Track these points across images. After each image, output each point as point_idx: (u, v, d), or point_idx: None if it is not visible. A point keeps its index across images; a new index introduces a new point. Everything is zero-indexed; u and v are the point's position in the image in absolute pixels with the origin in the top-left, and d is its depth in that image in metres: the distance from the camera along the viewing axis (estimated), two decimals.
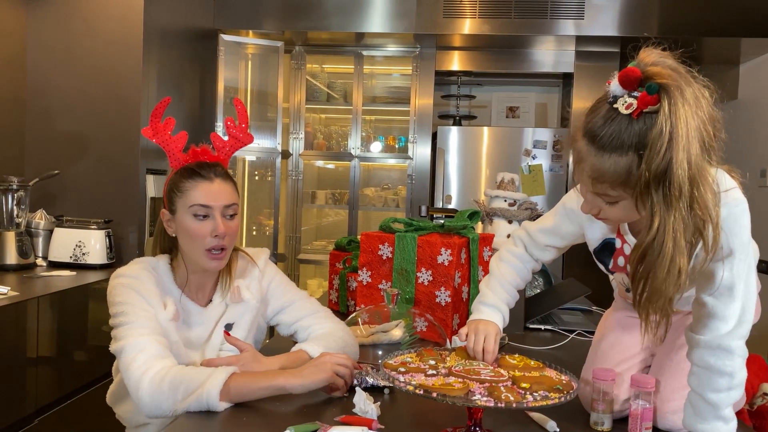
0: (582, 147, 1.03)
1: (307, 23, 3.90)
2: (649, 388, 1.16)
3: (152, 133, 1.44)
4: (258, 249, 1.59)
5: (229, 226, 1.39)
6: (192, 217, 1.37)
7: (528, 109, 4.73)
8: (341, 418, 1.17)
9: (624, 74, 0.99)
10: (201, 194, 1.37)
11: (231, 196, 1.40)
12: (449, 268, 1.80)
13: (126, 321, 1.31)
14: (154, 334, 1.30)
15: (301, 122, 4.22)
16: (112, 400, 1.48)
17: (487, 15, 3.80)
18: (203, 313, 1.45)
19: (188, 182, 1.38)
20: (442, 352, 1.22)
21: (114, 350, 1.32)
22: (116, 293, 1.35)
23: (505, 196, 2.32)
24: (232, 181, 1.43)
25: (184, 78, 3.55)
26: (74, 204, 3.00)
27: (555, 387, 1.05)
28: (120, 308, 1.33)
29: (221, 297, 1.47)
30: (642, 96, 0.97)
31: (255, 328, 1.52)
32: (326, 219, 5.04)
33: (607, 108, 1.01)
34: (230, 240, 1.40)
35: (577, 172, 1.06)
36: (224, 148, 1.47)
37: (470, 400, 1.00)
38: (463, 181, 4.19)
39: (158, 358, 1.25)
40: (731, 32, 3.73)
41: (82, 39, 3.03)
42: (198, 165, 1.40)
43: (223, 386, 1.20)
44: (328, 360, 1.28)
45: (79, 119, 3.03)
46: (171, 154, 1.44)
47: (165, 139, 1.43)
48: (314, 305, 1.57)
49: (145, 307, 1.33)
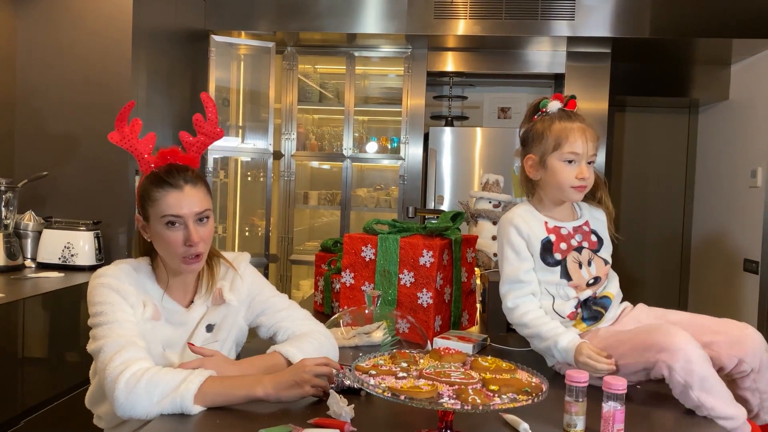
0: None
1: (298, 24, 3.90)
2: (621, 390, 1.17)
3: (119, 138, 1.40)
4: (239, 253, 1.59)
5: (202, 232, 1.39)
6: (164, 226, 1.36)
7: (520, 109, 4.73)
8: (314, 421, 1.17)
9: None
10: (171, 204, 1.35)
11: (202, 202, 1.39)
12: (431, 270, 1.80)
13: (104, 321, 1.31)
14: (133, 336, 1.30)
15: (293, 123, 4.22)
16: (91, 402, 1.48)
17: (478, 16, 3.81)
18: (185, 314, 1.45)
19: (158, 191, 1.36)
20: (416, 354, 1.23)
21: (91, 350, 1.32)
22: (96, 293, 1.36)
23: (489, 197, 2.32)
24: (203, 185, 1.42)
25: (174, 79, 3.55)
26: (63, 205, 3.01)
27: (524, 389, 1.05)
28: (99, 308, 1.34)
29: (203, 298, 1.48)
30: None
31: (236, 330, 1.53)
32: (319, 220, 5.04)
33: None
34: (205, 245, 1.40)
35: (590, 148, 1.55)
36: (193, 146, 1.45)
37: (437, 402, 1.01)
38: (456, 182, 4.19)
39: (135, 359, 1.25)
40: (722, 33, 3.74)
41: (72, 40, 3.04)
42: (167, 172, 1.38)
43: (199, 390, 1.20)
44: (308, 372, 1.27)
45: (69, 120, 3.03)
46: (139, 158, 1.41)
47: (132, 143, 1.41)
48: (293, 307, 1.57)
49: (125, 308, 1.34)
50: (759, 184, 3.85)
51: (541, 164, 1.58)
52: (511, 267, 1.59)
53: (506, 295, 1.60)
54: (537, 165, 1.59)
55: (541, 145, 1.57)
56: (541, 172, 1.59)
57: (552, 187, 1.58)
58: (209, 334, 1.47)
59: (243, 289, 1.53)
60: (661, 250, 4.91)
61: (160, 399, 1.20)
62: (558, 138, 1.54)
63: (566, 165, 1.55)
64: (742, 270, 4.07)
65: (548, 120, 1.58)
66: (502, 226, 1.63)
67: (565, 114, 1.59)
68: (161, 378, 1.22)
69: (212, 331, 1.48)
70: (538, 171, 1.59)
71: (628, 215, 4.97)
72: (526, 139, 1.63)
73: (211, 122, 1.46)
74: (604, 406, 1.18)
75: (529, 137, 1.61)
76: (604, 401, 1.18)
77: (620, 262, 5.33)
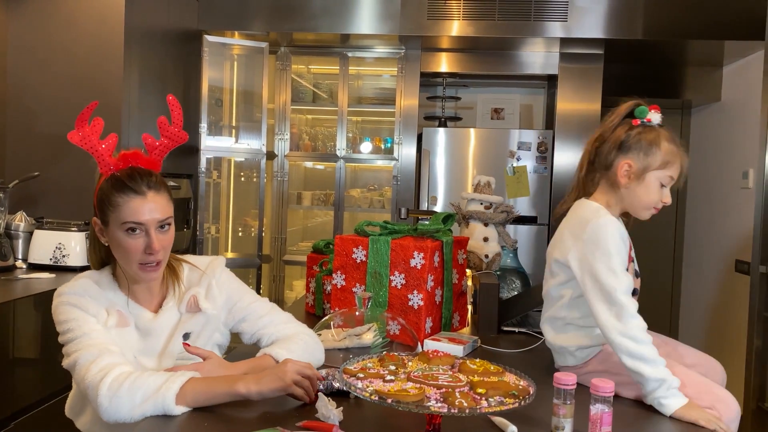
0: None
1: (292, 24, 3.90)
2: (608, 393, 1.17)
3: (79, 138, 1.36)
4: (213, 258, 1.55)
5: (162, 239, 1.35)
6: (124, 232, 1.33)
7: (513, 110, 4.74)
8: (303, 424, 1.17)
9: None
10: (134, 211, 1.31)
11: (164, 209, 1.35)
12: (422, 272, 1.81)
13: (74, 336, 1.30)
14: (105, 344, 1.29)
15: (287, 123, 4.22)
16: (72, 413, 1.47)
17: (471, 17, 3.81)
18: (155, 320, 1.41)
19: (120, 197, 1.32)
20: (405, 357, 1.23)
21: (67, 365, 1.31)
22: (59, 312, 1.34)
23: (481, 199, 2.32)
24: (165, 191, 1.38)
25: (167, 79, 3.54)
26: (55, 206, 3.00)
27: (511, 392, 1.06)
28: (66, 326, 1.32)
29: (173, 304, 1.44)
30: None
31: (216, 337, 1.50)
32: (313, 220, 5.04)
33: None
34: (164, 253, 1.38)
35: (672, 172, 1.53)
36: (156, 149, 1.42)
37: (424, 406, 1.01)
38: (449, 183, 4.20)
39: (114, 364, 1.25)
40: (714, 35, 3.75)
41: (63, 40, 3.03)
42: (130, 176, 1.34)
43: (180, 390, 1.20)
44: (289, 369, 1.27)
45: (60, 121, 3.02)
46: (100, 159, 1.36)
47: (93, 143, 1.36)
48: (275, 311, 1.55)
49: (90, 320, 1.33)
50: (750, 186, 3.87)
51: (639, 176, 1.52)
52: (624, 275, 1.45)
53: (623, 304, 1.41)
54: (633, 174, 1.52)
55: (646, 158, 1.51)
56: (634, 183, 1.53)
57: (634, 199, 1.54)
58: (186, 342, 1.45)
59: (220, 295, 1.49)
60: (653, 251, 4.93)
61: (143, 401, 1.20)
62: (667, 159, 1.51)
63: (659, 186, 1.53)
64: (734, 271, 4.08)
65: (656, 134, 1.53)
66: (602, 233, 1.48)
67: (670, 133, 1.55)
68: (143, 380, 1.21)
69: (189, 339, 1.44)
70: (631, 180, 1.53)
71: None
72: (627, 144, 1.54)
73: (175, 125, 1.42)
74: (591, 408, 1.18)
75: (633, 143, 1.53)
76: (592, 404, 1.18)
77: None
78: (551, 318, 1.61)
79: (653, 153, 1.51)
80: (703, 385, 1.46)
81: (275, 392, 1.25)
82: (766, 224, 2.89)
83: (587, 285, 1.48)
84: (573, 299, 1.56)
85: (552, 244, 1.64)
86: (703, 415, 1.32)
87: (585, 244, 1.49)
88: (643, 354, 1.37)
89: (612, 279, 1.43)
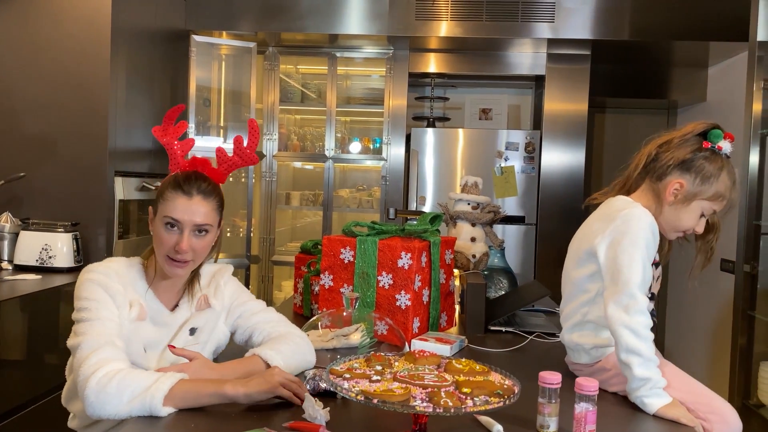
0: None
1: (280, 24, 3.90)
2: (592, 392, 1.19)
3: (162, 133, 1.47)
4: (222, 265, 1.63)
5: (195, 243, 1.42)
6: (163, 225, 1.41)
7: (501, 111, 4.76)
8: (289, 424, 1.18)
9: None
10: (176, 208, 1.40)
11: (206, 216, 1.42)
12: (409, 272, 1.81)
13: (87, 318, 1.33)
14: (112, 336, 1.31)
15: (275, 123, 4.22)
16: (66, 399, 1.49)
17: (459, 18, 3.83)
18: (169, 316, 1.48)
19: (171, 192, 1.41)
20: (391, 357, 1.24)
21: (70, 345, 1.33)
22: (83, 288, 1.37)
23: (468, 199, 2.34)
24: (215, 200, 1.45)
25: (154, 79, 3.53)
26: (41, 207, 2.98)
27: (495, 392, 1.07)
28: (84, 303, 1.35)
29: (188, 304, 1.51)
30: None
31: (218, 334, 1.57)
32: (302, 220, 5.04)
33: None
34: (194, 255, 1.43)
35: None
36: (225, 163, 1.51)
37: (409, 406, 1.02)
38: (438, 183, 4.21)
39: (110, 359, 1.26)
40: (700, 36, 3.79)
41: (49, 39, 3.01)
42: (185, 178, 1.42)
43: (169, 392, 1.21)
44: (277, 373, 1.30)
45: (46, 121, 3.00)
46: (173, 157, 1.47)
47: (171, 142, 1.47)
48: (269, 311, 1.61)
49: (110, 306, 1.36)
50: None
51: (687, 199, 1.49)
52: (644, 270, 1.43)
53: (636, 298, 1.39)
54: (682, 196, 1.49)
55: (701, 185, 1.48)
56: (680, 203, 1.50)
57: (672, 219, 1.52)
58: (191, 337, 1.50)
59: (225, 295, 1.57)
60: None
61: (130, 399, 1.20)
62: (719, 193, 1.48)
63: (700, 215, 1.51)
64: (719, 270, 4.12)
65: (720, 165, 1.49)
66: (635, 223, 1.46)
67: (732, 168, 1.51)
68: (133, 379, 1.22)
69: (194, 335, 1.51)
70: (677, 200, 1.50)
71: None
72: (689, 164, 1.49)
73: (250, 148, 1.52)
74: (576, 407, 1.19)
75: (695, 166, 1.49)
76: (576, 402, 1.19)
77: None
78: (571, 313, 1.58)
79: (710, 183, 1.48)
80: (702, 396, 1.46)
81: (262, 395, 1.27)
82: (750, 224, 2.93)
83: (606, 271, 1.46)
84: (599, 295, 1.51)
85: (579, 237, 1.61)
86: (685, 413, 1.33)
87: (615, 230, 1.47)
88: (640, 350, 1.36)
89: (632, 270, 1.41)
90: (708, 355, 4.27)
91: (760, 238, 2.95)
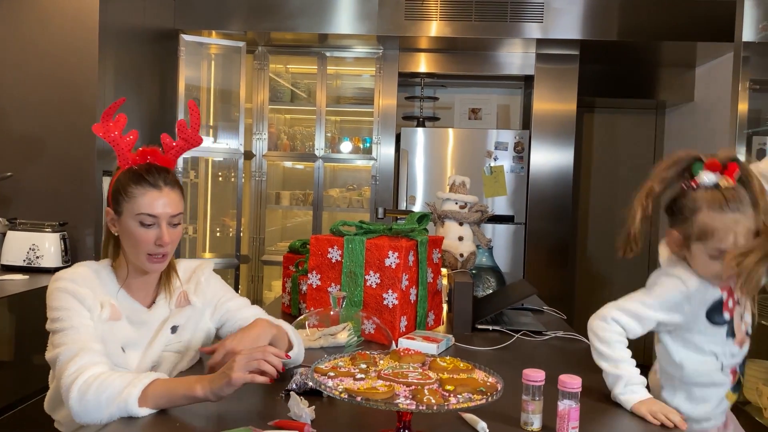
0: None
1: (269, 24, 3.89)
2: (575, 389, 1.20)
3: (102, 131, 1.44)
4: (203, 260, 1.64)
5: (172, 234, 1.42)
6: (138, 224, 1.39)
7: (490, 110, 4.77)
8: (274, 422, 1.18)
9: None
10: (149, 203, 1.38)
11: (178, 206, 1.43)
12: (396, 271, 1.82)
13: (61, 327, 1.32)
14: (89, 341, 1.31)
15: (265, 123, 4.21)
16: (50, 407, 1.48)
17: (449, 18, 3.84)
18: (147, 314, 1.47)
19: (137, 188, 1.39)
20: (376, 355, 1.24)
21: (49, 358, 1.33)
22: (53, 298, 1.36)
23: (456, 198, 2.35)
24: (179, 189, 1.45)
25: (143, 78, 3.52)
26: (28, 206, 2.97)
27: (479, 389, 1.07)
28: (56, 314, 1.34)
29: (166, 300, 1.51)
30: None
31: (202, 331, 1.56)
32: (292, 220, 5.03)
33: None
34: (172, 246, 1.44)
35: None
36: (172, 149, 1.48)
37: (393, 403, 1.02)
38: (428, 182, 4.22)
39: (90, 365, 1.26)
40: (687, 36, 3.82)
41: (37, 38, 3.00)
42: (147, 170, 1.41)
43: (143, 393, 1.21)
44: (237, 362, 1.22)
45: (34, 120, 2.99)
46: (120, 152, 1.44)
47: (115, 137, 1.43)
48: (256, 308, 1.62)
49: (82, 312, 1.35)
50: None
51: (685, 245, 1.39)
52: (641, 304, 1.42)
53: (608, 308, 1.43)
54: (680, 243, 1.40)
55: (685, 226, 1.37)
56: (686, 252, 1.40)
57: (697, 267, 1.40)
58: (173, 335, 1.50)
59: (207, 292, 1.57)
60: None
61: (108, 404, 1.20)
62: (703, 231, 1.33)
63: (709, 258, 1.35)
64: None
65: (698, 200, 1.34)
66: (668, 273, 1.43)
67: (720, 197, 1.32)
68: (109, 383, 1.22)
69: (176, 332, 1.50)
70: (682, 249, 1.41)
71: (597, 215, 5.04)
72: (672, 210, 1.41)
73: (193, 129, 1.49)
74: (559, 404, 1.20)
75: (675, 209, 1.40)
76: (560, 399, 1.20)
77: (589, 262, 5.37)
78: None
79: (689, 222, 1.36)
80: None
81: (228, 389, 1.21)
82: None
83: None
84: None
85: None
86: (652, 409, 1.34)
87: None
88: (603, 351, 1.42)
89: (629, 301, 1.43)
90: None
91: None
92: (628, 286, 1.50)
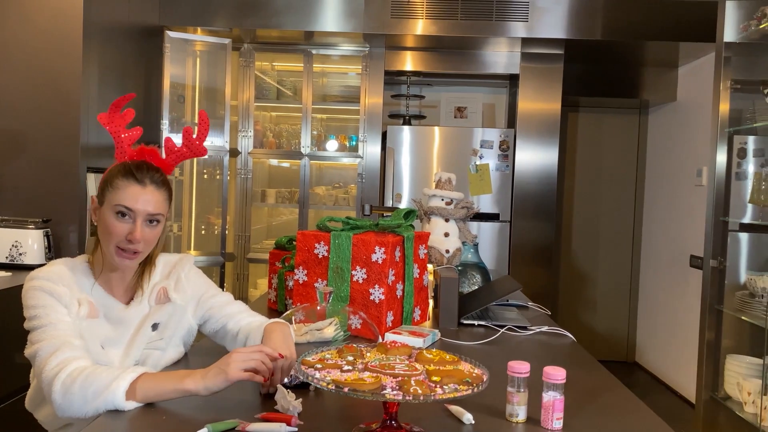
0: None
1: (255, 21, 3.89)
2: (560, 381, 1.21)
3: (107, 121, 1.43)
4: (183, 255, 1.61)
5: (147, 232, 1.40)
6: (114, 214, 1.38)
7: (476, 109, 4.80)
8: (261, 415, 1.18)
9: None
10: (128, 196, 1.37)
11: (158, 206, 1.41)
12: (383, 266, 1.83)
13: (39, 325, 1.31)
14: (68, 336, 1.29)
15: (250, 120, 4.20)
16: (32, 406, 1.46)
17: (435, 16, 3.86)
18: (125, 311, 1.45)
19: (121, 180, 1.38)
20: (363, 348, 1.25)
21: (28, 355, 1.31)
22: (29, 296, 1.35)
23: (442, 195, 2.36)
24: (166, 190, 1.44)
25: (127, 75, 3.50)
26: (11, 203, 2.94)
27: (464, 380, 1.08)
28: (33, 312, 1.32)
29: (144, 298, 1.49)
30: None
31: (183, 328, 1.55)
32: (278, 218, 5.02)
33: None
34: (145, 246, 1.41)
35: None
36: (173, 153, 1.48)
37: (380, 394, 1.03)
38: (414, 180, 4.23)
39: (72, 359, 1.25)
40: (670, 36, 3.87)
41: (20, 34, 2.97)
42: (137, 166, 1.40)
43: (130, 387, 1.20)
44: (233, 359, 1.23)
45: (17, 116, 2.96)
46: (119, 146, 1.44)
47: (118, 130, 1.43)
48: (240, 303, 1.62)
49: (59, 308, 1.33)
50: (704, 183, 3.99)
51: None
52: None
53: None
54: None
55: None
56: None
57: None
58: (154, 332, 1.48)
59: (188, 288, 1.55)
60: (612, 247, 5.05)
61: (94, 397, 1.19)
62: None
63: None
64: (689, 266, 4.21)
65: None
66: None
67: None
68: (95, 377, 1.21)
69: (157, 330, 1.49)
70: None
71: (581, 213, 5.09)
72: None
73: (199, 139, 1.49)
74: (544, 396, 1.22)
75: None
76: (545, 391, 1.22)
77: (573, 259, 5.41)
78: None
79: None
80: None
81: (220, 385, 1.22)
82: (717, 220, 3.00)
83: None
84: None
85: None
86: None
87: None
88: None
89: None
90: (677, 349, 4.35)
91: (727, 234, 3.02)
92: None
